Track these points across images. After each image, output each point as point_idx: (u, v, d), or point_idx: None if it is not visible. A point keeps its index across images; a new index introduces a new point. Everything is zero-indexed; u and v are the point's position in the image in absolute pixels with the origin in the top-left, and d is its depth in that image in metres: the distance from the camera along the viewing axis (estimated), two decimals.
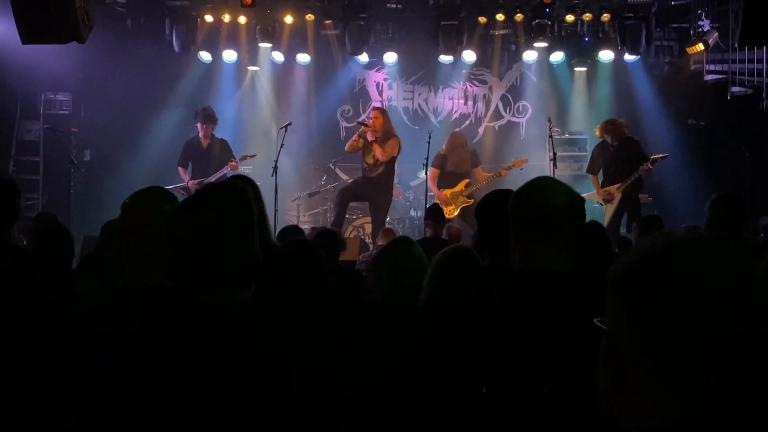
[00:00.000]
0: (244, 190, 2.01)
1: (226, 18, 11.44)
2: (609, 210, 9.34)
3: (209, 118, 10.46)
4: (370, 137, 9.60)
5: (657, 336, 1.04)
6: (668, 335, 1.03)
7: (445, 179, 10.28)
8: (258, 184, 4.21)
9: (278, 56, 12.17)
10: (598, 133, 9.73)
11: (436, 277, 3.56)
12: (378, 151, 9.56)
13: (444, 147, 10.40)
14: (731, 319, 1.01)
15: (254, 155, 10.58)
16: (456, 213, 10.14)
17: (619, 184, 9.27)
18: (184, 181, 10.34)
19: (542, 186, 2.37)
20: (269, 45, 11.81)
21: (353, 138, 9.82)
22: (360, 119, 10.36)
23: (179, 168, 10.54)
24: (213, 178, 10.16)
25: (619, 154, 9.38)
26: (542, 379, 2.09)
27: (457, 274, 3.43)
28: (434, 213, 7.75)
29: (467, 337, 2.28)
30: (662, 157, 9.38)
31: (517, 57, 12.53)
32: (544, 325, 2.16)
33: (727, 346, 1.01)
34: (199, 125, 10.45)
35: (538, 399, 2.08)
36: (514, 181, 10.95)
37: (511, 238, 2.38)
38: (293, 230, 5.64)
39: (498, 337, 2.21)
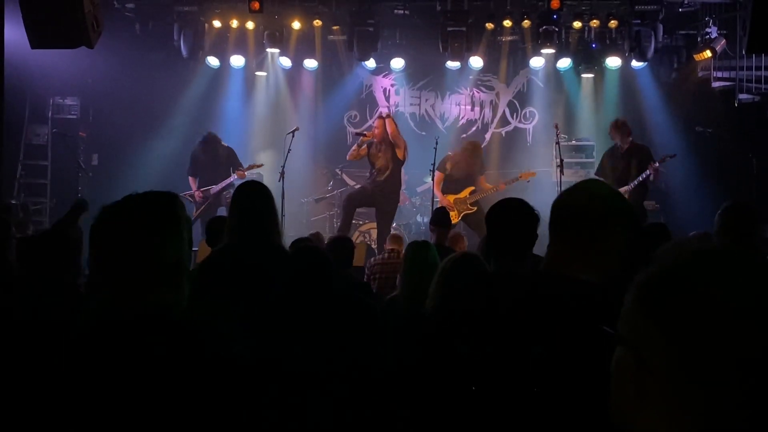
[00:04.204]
0: (169, 197, 2.04)
1: (234, 23, 11.45)
2: None
3: (214, 142, 10.56)
4: (358, 146, 9.75)
5: (691, 353, 1.01)
6: (703, 352, 1.00)
7: (451, 185, 10.26)
8: None
9: (286, 61, 12.20)
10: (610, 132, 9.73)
11: (443, 283, 3.57)
12: (396, 151, 9.64)
13: (455, 152, 10.39)
14: (765, 335, 0.99)
15: (261, 165, 10.63)
16: (458, 219, 10.13)
17: (625, 188, 9.27)
18: (191, 190, 10.40)
19: (581, 194, 2.31)
20: (277, 50, 11.83)
21: (353, 149, 9.90)
22: (358, 131, 10.35)
23: (189, 177, 10.60)
24: (219, 186, 10.21)
25: (627, 157, 9.39)
26: (537, 378, 2.09)
27: (463, 279, 3.44)
28: (439, 218, 7.70)
29: (470, 340, 2.29)
30: (671, 157, 9.39)
31: (524, 63, 12.53)
32: (546, 330, 2.16)
33: (761, 362, 0.98)
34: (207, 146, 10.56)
35: (534, 398, 2.09)
36: (521, 190, 10.96)
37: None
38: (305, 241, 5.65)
39: (499, 341, 2.21)
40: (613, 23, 11.07)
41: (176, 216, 2.01)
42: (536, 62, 11.95)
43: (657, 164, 9.15)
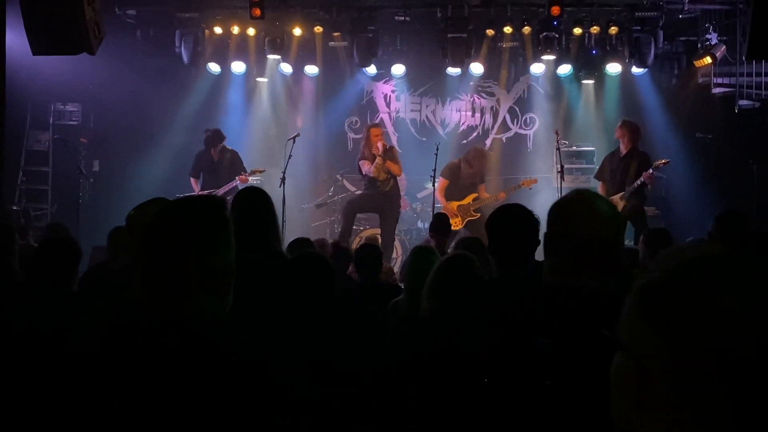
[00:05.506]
0: (221, 202, 2.03)
1: (235, 30, 11.48)
2: None
3: (217, 139, 10.54)
4: (382, 159, 9.68)
5: (692, 359, 1.00)
6: (704, 358, 0.99)
7: (454, 191, 10.27)
8: None
9: (287, 68, 12.22)
10: (617, 134, 9.72)
11: (437, 285, 3.58)
12: (394, 168, 9.67)
13: (462, 158, 10.39)
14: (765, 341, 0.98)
15: (263, 170, 10.62)
16: (462, 225, 10.15)
17: (622, 193, 9.26)
18: (194, 191, 10.38)
19: (586, 211, 2.32)
20: (278, 57, 11.85)
21: (377, 163, 9.76)
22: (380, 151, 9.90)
23: (191, 178, 10.61)
24: (222, 190, 10.21)
25: (625, 162, 9.37)
26: (544, 369, 2.10)
27: (456, 282, 3.46)
28: (438, 225, 7.65)
29: (475, 335, 2.29)
30: (664, 163, 9.37)
31: (524, 69, 12.54)
32: (552, 337, 2.17)
33: (763, 367, 0.98)
34: (208, 146, 10.55)
35: (542, 390, 2.09)
36: (522, 196, 11.03)
37: (545, 250, 2.35)
38: (303, 243, 5.67)
39: (505, 335, 2.22)
40: (613, 29, 11.08)
41: (227, 222, 2.01)
42: (537, 68, 11.97)
43: (651, 171, 9.10)
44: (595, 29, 11.16)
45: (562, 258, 2.29)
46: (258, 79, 12.65)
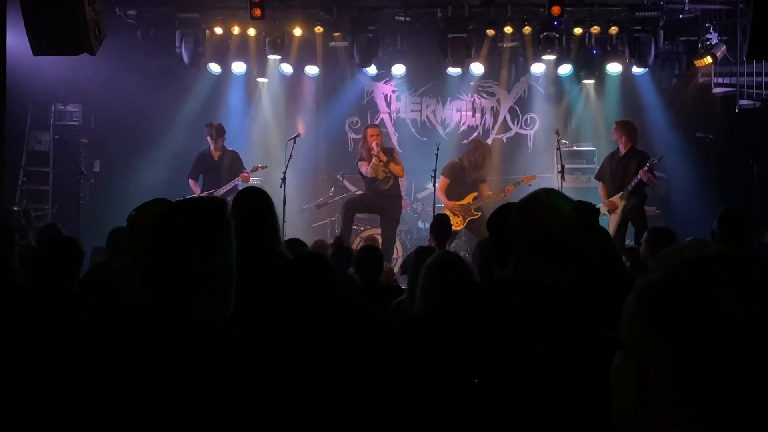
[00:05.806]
0: (221, 203, 2.04)
1: (236, 30, 11.49)
2: (613, 220, 9.29)
3: (219, 132, 10.51)
4: (378, 159, 9.67)
5: (693, 359, 1.00)
6: (705, 358, 0.99)
7: (455, 190, 10.25)
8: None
9: (287, 68, 12.22)
10: (614, 136, 9.69)
11: (431, 285, 3.58)
12: (397, 169, 9.67)
13: (464, 156, 10.36)
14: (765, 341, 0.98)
15: (265, 167, 10.58)
16: (463, 225, 10.13)
17: (621, 193, 9.25)
18: (194, 194, 10.35)
19: (542, 208, 2.36)
20: (278, 57, 11.85)
21: (373, 163, 9.74)
22: (374, 151, 9.83)
23: (190, 180, 10.55)
24: (223, 190, 10.20)
25: (624, 162, 9.34)
26: (540, 370, 2.11)
27: (449, 281, 3.46)
28: (438, 226, 7.59)
29: (475, 336, 2.30)
30: (658, 160, 9.34)
31: (525, 69, 12.55)
32: (551, 337, 2.18)
33: (761, 367, 0.98)
34: (209, 138, 10.51)
35: (537, 391, 2.10)
36: (522, 195, 10.97)
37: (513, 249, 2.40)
38: (295, 244, 5.64)
39: (505, 336, 2.23)
40: (613, 29, 11.09)
41: (228, 223, 2.02)
42: (537, 68, 11.97)
43: (646, 168, 9.05)
44: (595, 29, 11.17)
45: (521, 253, 2.34)
46: (258, 79, 12.65)
